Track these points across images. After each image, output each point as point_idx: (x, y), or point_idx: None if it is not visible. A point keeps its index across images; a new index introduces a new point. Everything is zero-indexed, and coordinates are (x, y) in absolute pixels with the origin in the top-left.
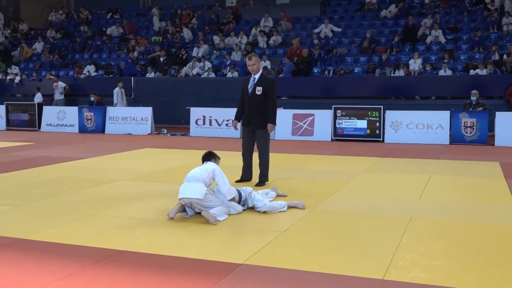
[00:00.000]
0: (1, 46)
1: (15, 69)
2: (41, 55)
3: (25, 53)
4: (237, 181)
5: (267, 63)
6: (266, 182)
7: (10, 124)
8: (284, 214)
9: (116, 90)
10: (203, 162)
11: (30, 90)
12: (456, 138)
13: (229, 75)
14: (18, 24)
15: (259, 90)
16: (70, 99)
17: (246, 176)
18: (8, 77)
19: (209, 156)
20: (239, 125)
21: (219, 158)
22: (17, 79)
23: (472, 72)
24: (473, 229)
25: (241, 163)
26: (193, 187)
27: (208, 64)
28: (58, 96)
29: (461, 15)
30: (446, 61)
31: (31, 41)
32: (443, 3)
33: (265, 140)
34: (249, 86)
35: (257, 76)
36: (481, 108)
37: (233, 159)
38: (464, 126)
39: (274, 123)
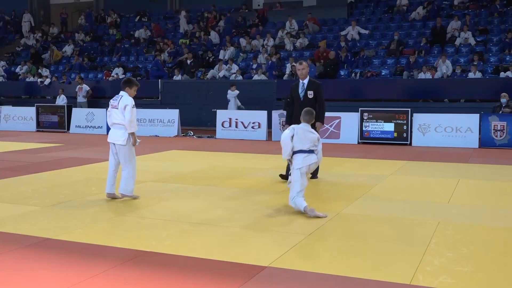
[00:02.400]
0: (32, 49)
1: (45, 72)
2: (70, 58)
3: (55, 56)
4: (281, 175)
5: None
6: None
7: (40, 125)
8: (309, 217)
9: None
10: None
11: None
12: (485, 141)
13: (256, 77)
14: (49, 28)
15: (310, 94)
16: (99, 102)
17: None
18: (39, 80)
19: (125, 84)
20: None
21: (136, 85)
22: (47, 81)
23: (502, 74)
24: (503, 234)
25: (272, 165)
26: (117, 133)
27: (235, 67)
28: (81, 99)
29: (491, 16)
30: (475, 63)
31: (61, 44)
32: (473, 5)
33: None
34: (299, 92)
35: (306, 81)
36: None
37: (262, 162)
38: (494, 129)
39: (323, 122)
